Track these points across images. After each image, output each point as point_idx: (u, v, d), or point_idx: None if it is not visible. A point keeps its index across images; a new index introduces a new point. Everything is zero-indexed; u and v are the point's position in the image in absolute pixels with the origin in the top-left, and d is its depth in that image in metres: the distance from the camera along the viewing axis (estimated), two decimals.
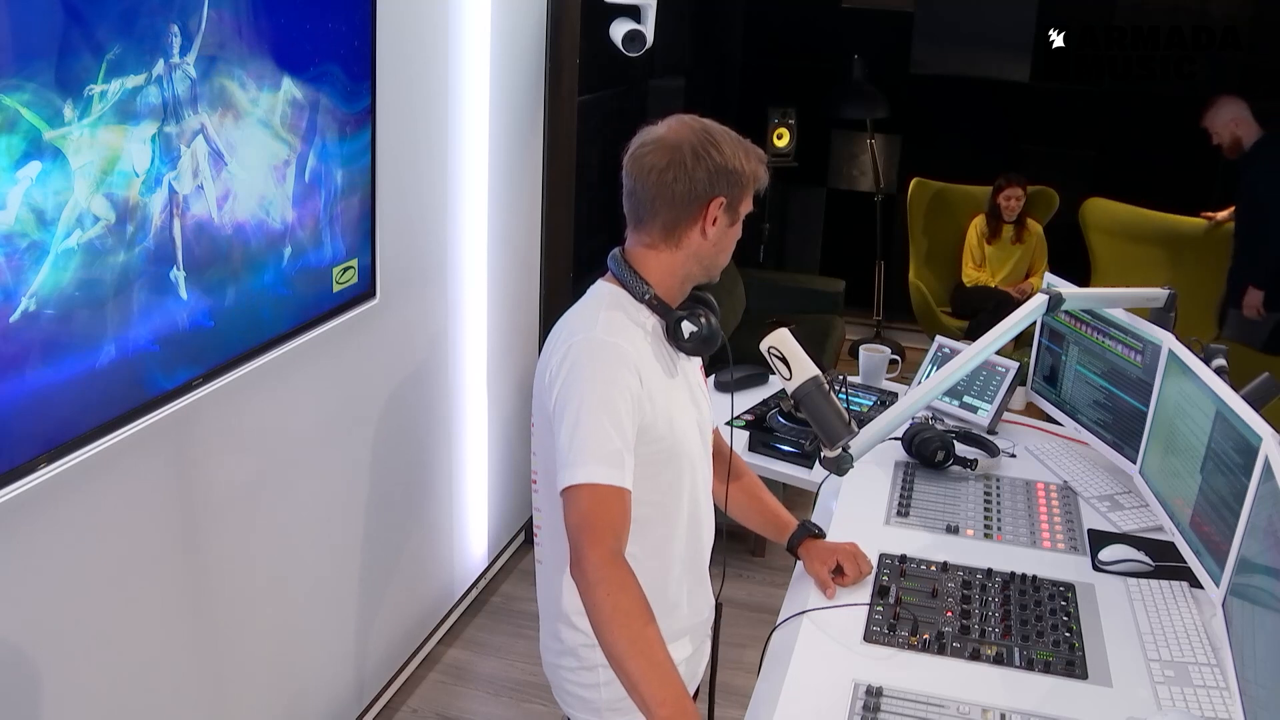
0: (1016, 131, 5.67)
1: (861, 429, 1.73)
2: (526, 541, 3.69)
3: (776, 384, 2.57)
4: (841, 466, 1.71)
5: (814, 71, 5.79)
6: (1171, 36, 4.97)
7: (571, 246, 3.51)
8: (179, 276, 1.74)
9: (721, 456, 1.77)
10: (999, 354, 2.11)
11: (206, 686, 2.08)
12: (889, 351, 2.83)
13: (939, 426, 2.29)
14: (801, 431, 2.38)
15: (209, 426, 1.96)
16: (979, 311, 5.04)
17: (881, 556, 1.85)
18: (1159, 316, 2.12)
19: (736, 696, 1.76)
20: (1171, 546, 1.89)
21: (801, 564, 1.83)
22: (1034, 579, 1.79)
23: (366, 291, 2.37)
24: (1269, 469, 1.49)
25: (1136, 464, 2.11)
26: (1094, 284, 4.88)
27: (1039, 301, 1.99)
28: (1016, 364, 2.48)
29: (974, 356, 1.90)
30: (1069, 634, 1.66)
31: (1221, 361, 2.00)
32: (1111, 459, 2.21)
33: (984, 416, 2.45)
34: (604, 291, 1.57)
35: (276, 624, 2.30)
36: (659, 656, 1.33)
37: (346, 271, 2.27)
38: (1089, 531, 1.99)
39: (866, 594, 1.74)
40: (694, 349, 1.57)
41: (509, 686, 2.97)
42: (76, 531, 1.69)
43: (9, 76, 1.37)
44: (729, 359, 1.64)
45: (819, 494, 2.21)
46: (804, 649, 1.61)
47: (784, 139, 5.40)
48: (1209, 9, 5.16)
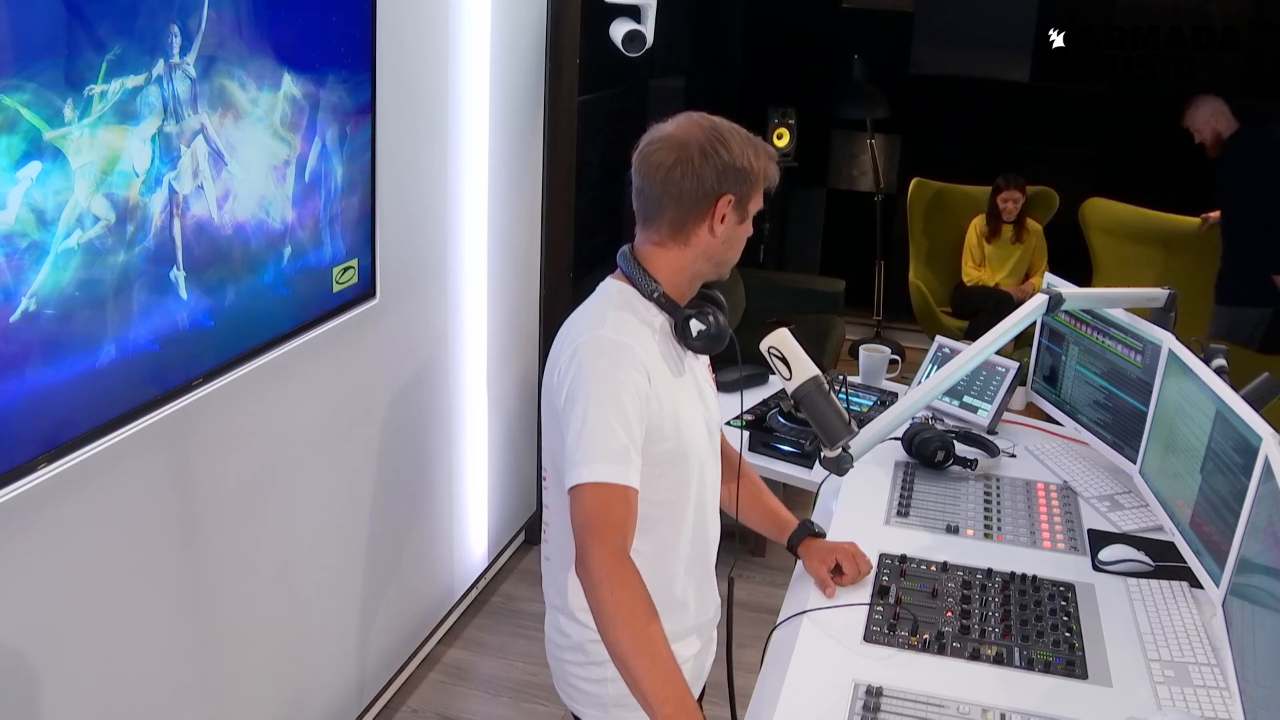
0: (1016, 131, 5.67)
1: (861, 429, 1.73)
2: (527, 541, 3.69)
3: (776, 384, 2.57)
4: (841, 466, 1.71)
5: (814, 71, 5.79)
6: (1171, 36, 4.97)
7: (571, 246, 3.51)
8: (179, 276, 1.74)
9: (727, 457, 1.77)
10: (999, 354, 2.11)
11: (206, 686, 2.08)
12: (889, 351, 2.83)
13: (939, 426, 2.29)
14: (801, 431, 2.39)
15: (209, 426, 1.96)
16: (979, 311, 5.03)
17: (881, 556, 1.85)
18: (1159, 316, 2.12)
19: (737, 696, 1.76)
20: (1171, 546, 1.89)
21: (801, 563, 1.83)
22: (1034, 579, 1.79)
23: (366, 291, 2.37)
24: (1269, 469, 1.49)
25: (1136, 464, 2.11)
26: (1095, 284, 4.88)
27: (1039, 301, 1.99)
28: (1016, 364, 2.48)
29: (974, 356, 1.90)
30: (1069, 634, 1.65)
31: (1221, 361, 2.00)
32: (1111, 459, 2.21)
33: (984, 416, 2.45)
34: (613, 289, 1.57)
35: (277, 624, 2.30)
36: (662, 654, 1.33)
37: (346, 271, 2.27)
38: (1089, 531, 1.99)
39: (866, 594, 1.74)
40: (702, 347, 1.57)
41: (509, 686, 2.97)
42: (76, 531, 1.69)
43: (9, 76, 1.37)
44: (737, 357, 1.64)
45: (819, 494, 2.21)
46: (804, 649, 1.61)
47: (784, 139, 5.40)
48: (1209, 9, 5.16)
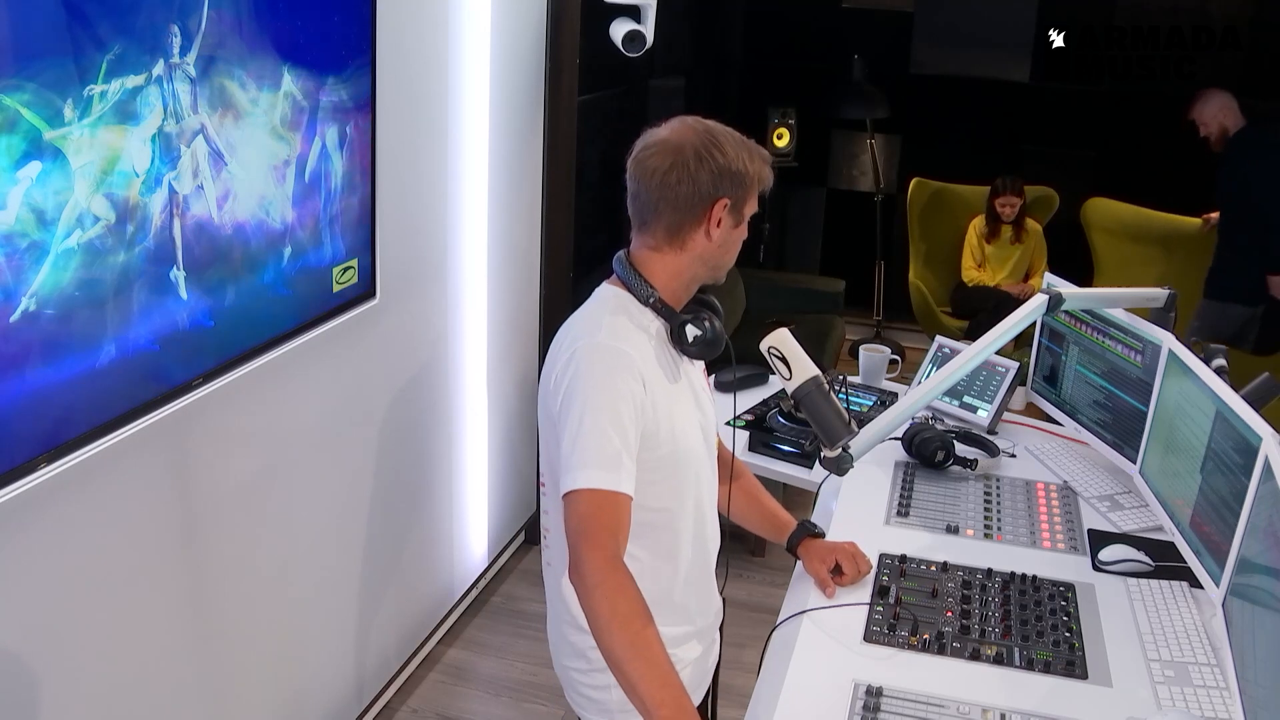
0: (1016, 131, 5.67)
1: (861, 429, 1.73)
2: (526, 541, 3.69)
3: (776, 384, 2.57)
4: (841, 466, 1.71)
5: (814, 71, 5.78)
6: (1171, 36, 4.96)
7: (571, 246, 3.51)
8: (179, 276, 1.74)
9: (723, 460, 1.77)
10: (999, 354, 2.11)
11: (206, 686, 2.08)
12: (889, 351, 2.83)
13: (939, 426, 2.29)
14: (801, 431, 2.38)
15: (209, 426, 1.96)
16: (979, 311, 5.03)
17: (881, 556, 1.85)
18: (1159, 316, 2.12)
19: (736, 696, 1.76)
20: (1171, 546, 1.89)
21: (801, 564, 1.83)
22: (1034, 579, 1.79)
23: (366, 291, 2.37)
24: (1269, 469, 1.49)
25: (1136, 464, 2.11)
26: (1096, 284, 4.88)
27: (1039, 301, 1.99)
28: (1016, 364, 2.48)
29: (974, 356, 1.90)
30: (1069, 634, 1.66)
31: (1221, 361, 2.00)
32: (1111, 459, 2.21)
33: (984, 416, 2.45)
34: (608, 295, 1.56)
35: (276, 624, 2.30)
36: (658, 658, 1.33)
37: (346, 271, 2.27)
38: (1089, 531, 1.99)
39: (866, 594, 1.74)
40: (698, 353, 1.57)
41: (509, 686, 2.97)
42: (76, 531, 1.69)
43: (9, 76, 1.37)
44: (732, 360, 1.64)
45: (819, 494, 2.21)
46: (804, 649, 1.61)
47: (784, 139, 5.40)
48: (1209, 9, 5.15)
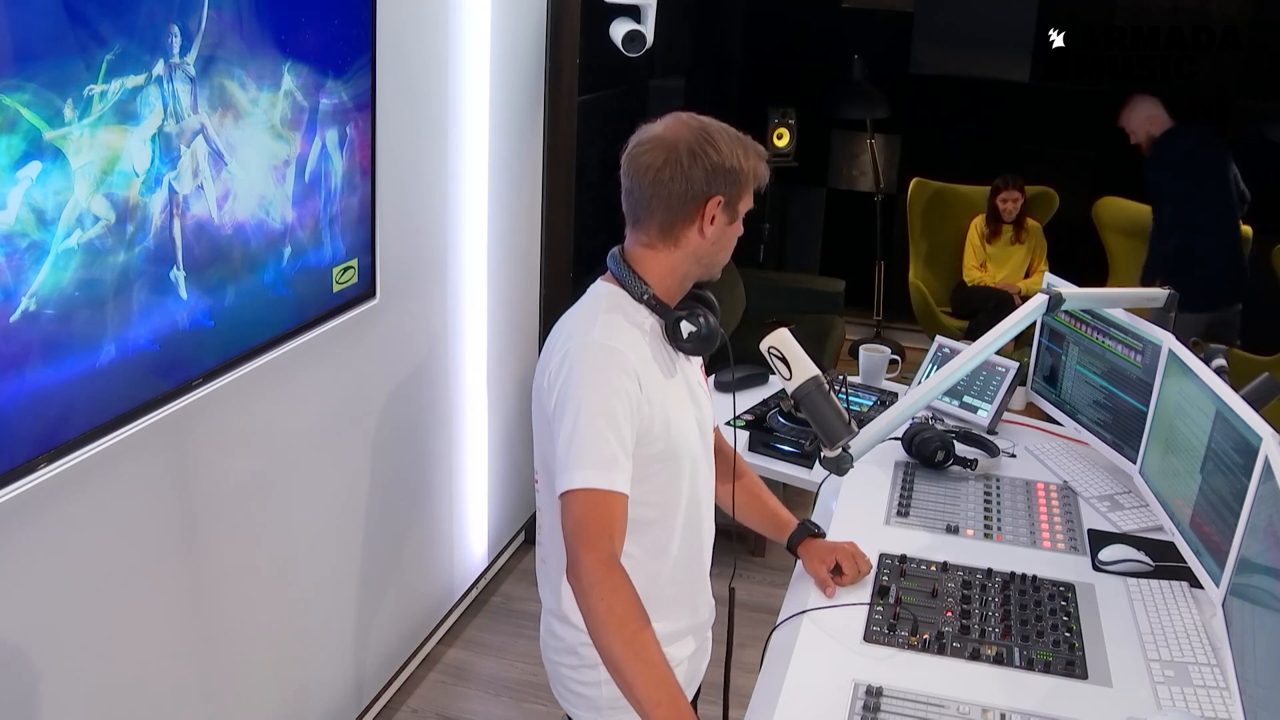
0: (1016, 131, 5.66)
1: (861, 429, 1.73)
2: (526, 541, 3.69)
3: (776, 384, 2.57)
4: (841, 466, 1.71)
5: (814, 71, 5.78)
6: (1171, 36, 4.96)
7: (571, 246, 3.51)
8: (179, 276, 1.74)
9: (723, 456, 1.77)
10: (999, 354, 2.11)
11: (206, 686, 2.08)
12: (889, 351, 2.83)
13: (939, 426, 2.29)
14: (801, 431, 2.38)
15: (209, 426, 1.96)
16: (979, 311, 5.04)
17: (881, 556, 1.85)
18: (1159, 316, 2.12)
19: (736, 696, 1.76)
20: (1171, 546, 1.89)
21: (801, 563, 1.83)
22: (1034, 579, 1.79)
23: (366, 291, 2.37)
24: (1269, 469, 1.49)
25: (1136, 464, 2.11)
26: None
27: (1039, 301, 1.99)
28: (1016, 364, 2.48)
29: (974, 356, 1.90)
30: (1069, 634, 1.65)
31: (1221, 361, 2.00)
32: (1111, 459, 2.21)
33: (984, 416, 2.45)
34: (602, 292, 1.56)
35: (276, 623, 2.30)
36: (654, 658, 1.33)
37: (346, 271, 2.27)
38: (1089, 531, 1.99)
39: (866, 594, 1.74)
40: (693, 349, 1.56)
41: (509, 686, 2.97)
42: (76, 531, 1.69)
43: (9, 76, 1.37)
44: (729, 358, 1.64)
45: (819, 494, 2.21)
46: (804, 649, 1.61)
47: (784, 139, 5.40)
48: (1209, 9, 5.15)
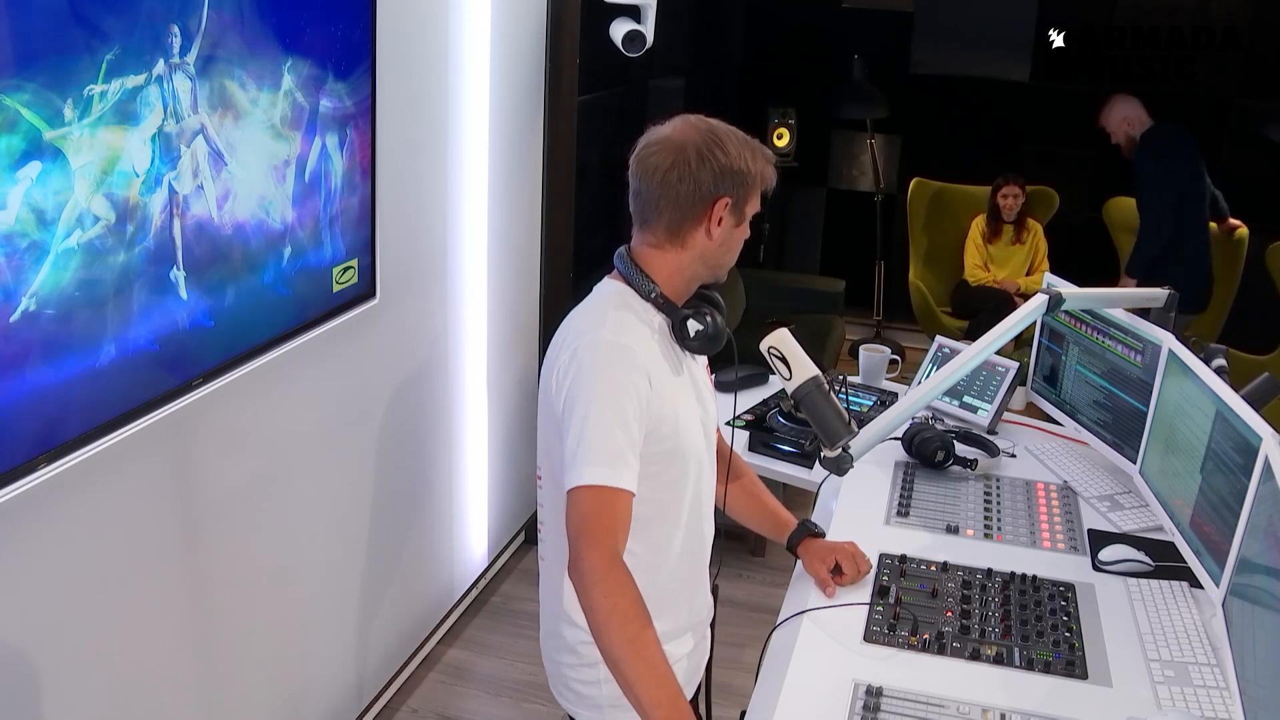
0: (1016, 131, 5.67)
1: (861, 429, 1.73)
2: (527, 541, 3.69)
3: (776, 384, 2.57)
4: (841, 466, 1.71)
5: (814, 71, 5.78)
6: (1171, 36, 4.96)
7: (571, 246, 3.51)
8: (179, 276, 1.74)
9: (722, 456, 1.77)
10: (999, 354, 2.11)
11: (206, 686, 2.08)
12: (889, 351, 2.83)
13: (939, 426, 2.29)
14: (801, 431, 2.38)
15: (209, 426, 1.96)
16: (979, 311, 5.03)
17: (881, 556, 1.85)
18: (1159, 316, 2.12)
19: (736, 696, 1.76)
20: (1171, 546, 1.89)
21: (801, 563, 1.83)
22: (1034, 579, 1.79)
23: (366, 291, 2.37)
24: (1269, 469, 1.49)
25: (1136, 464, 2.11)
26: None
27: (1039, 301, 1.99)
28: (1016, 364, 2.48)
29: (974, 356, 1.90)
30: (1069, 634, 1.66)
31: (1221, 361, 2.00)
32: (1111, 459, 2.21)
33: (984, 416, 2.45)
34: (610, 290, 1.57)
35: (276, 624, 2.30)
36: (655, 658, 1.34)
37: (346, 271, 2.27)
38: (1089, 531, 1.99)
39: (866, 594, 1.74)
40: (699, 348, 1.57)
41: (509, 686, 2.97)
42: (76, 531, 1.69)
43: (9, 76, 1.37)
44: (734, 358, 1.64)
45: (819, 494, 2.21)
46: (804, 649, 1.61)
47: (784, 139, 5.40)
48: (1209, 9, 5.15)
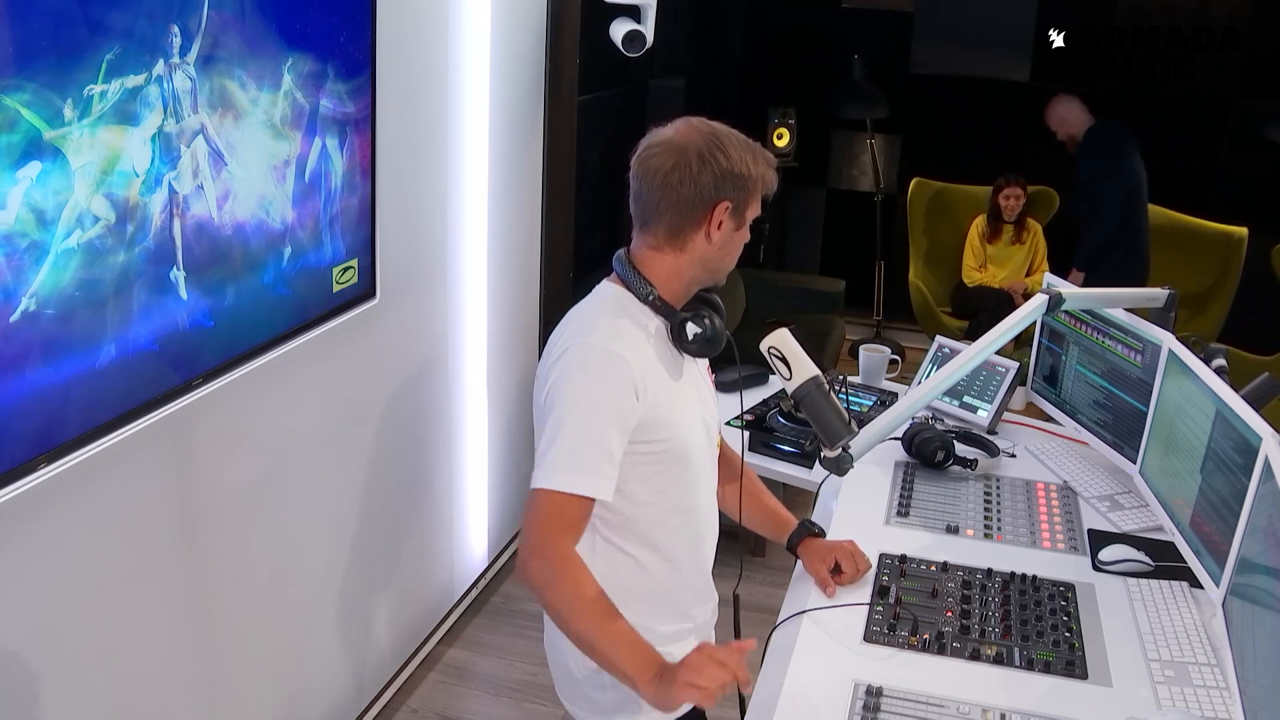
0: (1016, 131, 5.66)
1: (861, 429, 1.73)
2: None
3: (776, 384, 2.57)
4: (841, 466, 1.71)
5: (814, 71, 5.78)
6: (1171, 36, 4.96)
7: (571, 246, 3.51)
8: (179, 276, 1.74)
9: (725, 459, 1.77)
10: (999, 354, 2.11)
11: (206, 686, 2.08)
12: (889, 351, 2.83)
13: (939, 426, 2.29)
14: (801, 431, 2.38)
15: (209, 426, 1.96)
16: (979, 311, 5.03)
17: (881, 556, 1.85)
18: (1159, 316, 2.12)
19: (734, 697, 1.76)
20: (1171, 546, 1.89)
21: (801, 563, 1.83)
22: (1034, 579, 1.79)
23: (366, 291, 2.37)
24: (1269, 469, 1.49)
25: (1136, 464, 2.11)
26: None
27: (1039, 301, 1.99)
28: (1016, 364, 2.48)
29: (974, 356, 1.90)
30: (1069, 634, 1.66)
31: (1221, 361, 2.00)
32: (1111, 459, 2.21)
33: (984, 416, 2.45)
34: (608, 293, 1.56)
35: (276, 624, 2.30)
36: (626, 633, 1.36)
37: (346, 271, 2.27)
38: (1089, 531, 1.99)
39: (866, 594, 1.74)
40: (698, 350, 1.57)
41: (509, 686, 2.97)
42: (76, 531, 1.69)
43: (9, 76, 1.37)
44: (736, 359, 1.64)
45: (819, 494, 2.21)
46: (804, 649, 1.61)
47: (784, 139, 5.40)
48: (1209, 9, 5.15)
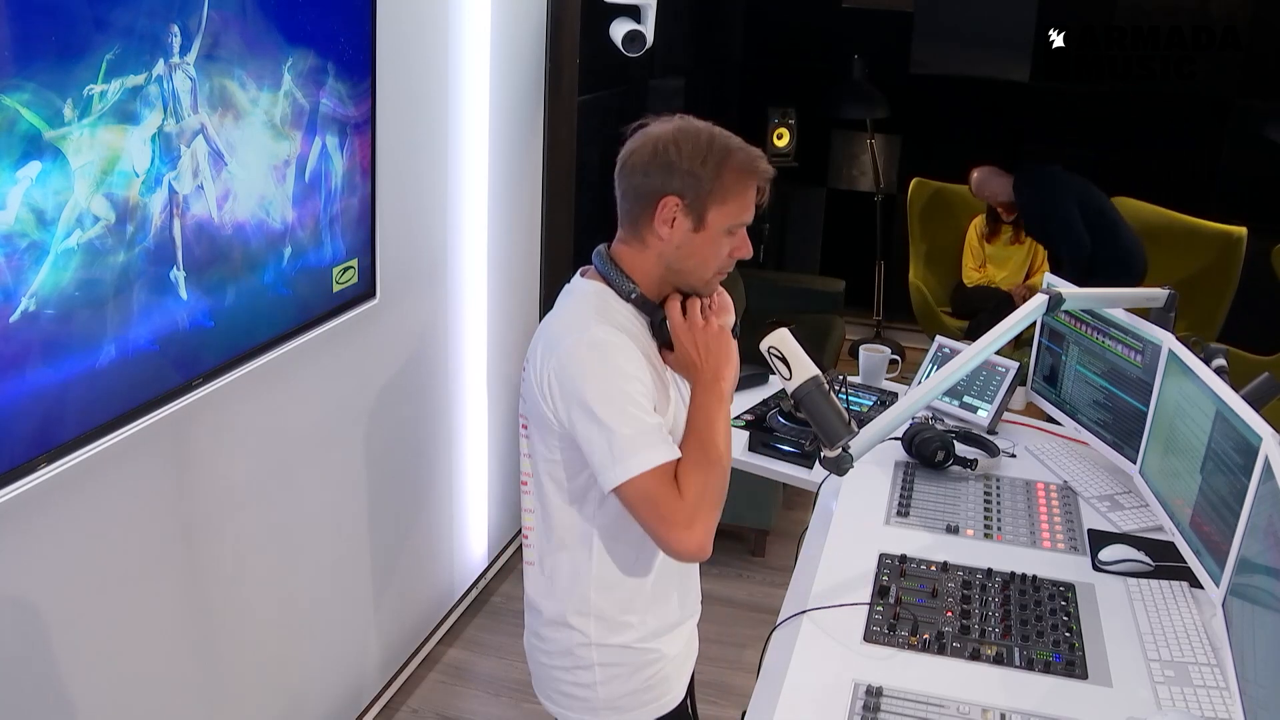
0: (1016, 131, 5.66)
1: (861, 429, 1.72)
2: None
3: (776, 384, 2.57)
4: (841, 466, 1.71)
5: (814, 71, 5.78)
6: (1171, 36, 4.96)
7: (571, 246, 3.51)
8: (179, 276, 1.74)
9: None
10: (999, 354, 2.10)
11: (206, 686, 2.08)
12: (889, 351, 2.83)
13: (939, 426, 2.29)
14: (801, 431, 2.38)
15: (209, 426, 1.96)
16: (979, 311, 5.03)
17: (881, 556, 1.85)
18: (1159, 316, 2.12)
19: (736, 696, 1.76)
20: (1171, 546, 1.89)
21: (800, 560, 1.82)
22: (1034, 579, 1.79)
23: (366, 291, 2.37)
24: (1269, 469, 1.49)
25: (1136, 464, 2.11)
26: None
27: (1039, 301, 1.99)
28: (1016, 364, 2.48)
29: (974, 356, 1.90)
30: (1069, 634, 1.66)
31: (1221, 361, 2.00)
32: (1111, 459, 2.21)
33: (984, 416, 2.45)
34: (589, 290, 1.55)
35: (276, 624, 2.30)
36: (715, 430, 1.48)
37: (346, 271, 2.27)
38: (1089, 531, 1.99)
39: (867, 594, 1.74)
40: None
41: (509, 686, 2.97)
42: (76, 531, 1.69)
43: (9, 76, 1.37)
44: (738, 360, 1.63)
45: (819, 494, 2.21)
46: (804, 649, 1.61)
47: (784, 139, 5.39)
48: (1209, 9, 5.15)
